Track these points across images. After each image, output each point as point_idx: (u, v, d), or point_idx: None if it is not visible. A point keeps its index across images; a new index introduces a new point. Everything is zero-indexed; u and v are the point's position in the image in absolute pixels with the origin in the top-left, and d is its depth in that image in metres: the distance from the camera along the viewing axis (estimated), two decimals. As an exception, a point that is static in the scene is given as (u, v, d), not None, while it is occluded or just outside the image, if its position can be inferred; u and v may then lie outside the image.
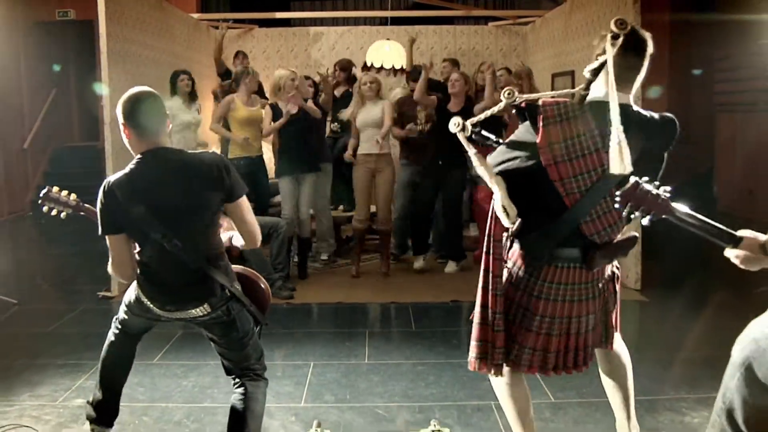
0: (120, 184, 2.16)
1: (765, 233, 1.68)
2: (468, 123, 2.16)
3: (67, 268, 5.84)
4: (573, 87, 5.80)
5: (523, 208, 2.13)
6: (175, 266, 2.23)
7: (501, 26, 7.92)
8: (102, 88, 4.93)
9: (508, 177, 2.13)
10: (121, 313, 2.52)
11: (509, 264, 2.29)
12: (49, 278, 5.47)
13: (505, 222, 2.14)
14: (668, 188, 1.66)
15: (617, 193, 1.69)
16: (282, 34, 8.03)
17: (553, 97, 2.14)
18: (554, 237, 2.12)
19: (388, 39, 6.86)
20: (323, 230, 5.60)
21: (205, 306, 2.27)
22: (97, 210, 2.21)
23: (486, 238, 2.26)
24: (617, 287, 2.41)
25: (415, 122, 5.41)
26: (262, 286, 2.55)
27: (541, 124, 2.05)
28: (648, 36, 2.09)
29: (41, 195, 2.69)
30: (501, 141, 2.28)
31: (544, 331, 2.23)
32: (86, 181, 4.76)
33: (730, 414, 1.72)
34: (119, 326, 2.56)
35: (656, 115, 2.15)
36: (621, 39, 1.97)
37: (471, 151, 2.15)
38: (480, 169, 2.15)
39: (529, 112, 2.10)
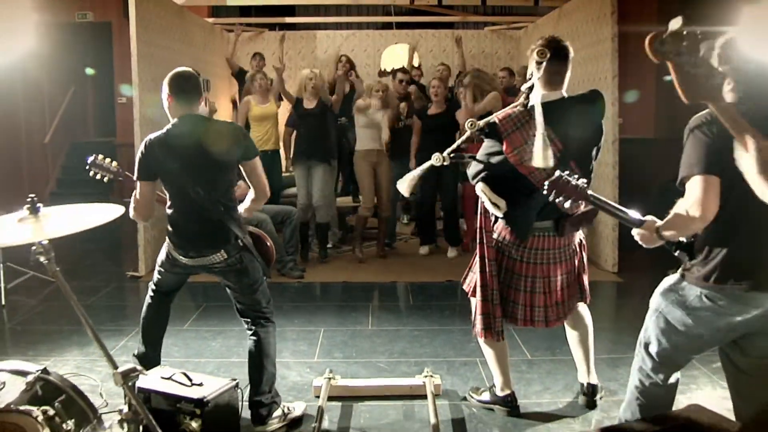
0: (159, 140, 2.69)
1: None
2: (446, 154, 2.78)
3: (93, 253, 6.36)
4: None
5: (506, 194, 2.71)
6: (198, 216, 2.70)
7: (496, 31, 8.45)
8: (130, 89, 5.45)
9: (490, 179, 2.72)
10: (155, 276, 3.01)
11: (494, 235, 2.84)
12: (78, 261, 5.98)
13: (498, 213, 2.73)
14: (585, 180, 2.07)
15: (545, 183, 2.08)
16: (290, 37, 8.52)
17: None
18: (533, 212, 2.71)
19: (396, 43, 7.30)
20: (328, 219, 6.15)
21: (222, 252, 2.73)
22: (137, 160, 2.71)
23: (478, 230, 2.86)
24: (584, 254, 2.96)
25: (400, 116, 6.00)
26: (268, 244, 3.06)
27: (503, 136, 2.62)
28: (569, 44, 2.68)
29: (89, 162, 3.10)
30: (474, 156, 2.83)
31: (528, 289, 2.81)
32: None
33: (646, 347, 2.24)
34: (154, 287, 3.03)
35: (585, 93, 2.76)
36: (544, 63, 2.61)
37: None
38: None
39: (490, 129, 2.69)
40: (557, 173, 2.06)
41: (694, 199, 1.88)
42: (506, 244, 2.82)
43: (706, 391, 3.17)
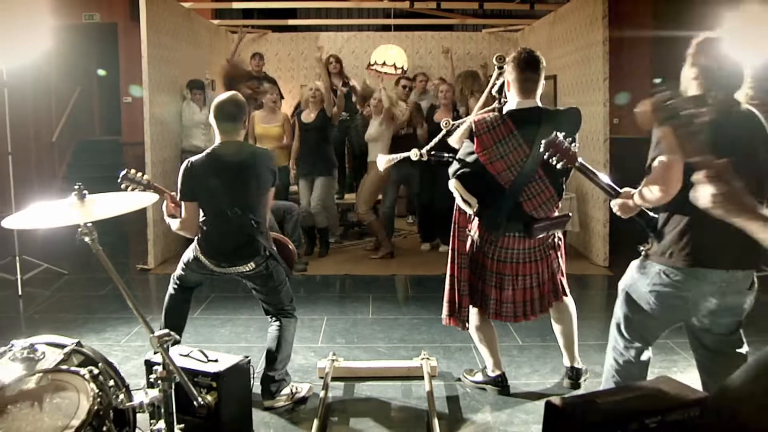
0: (200, 163, 2.89)
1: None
2: (424, 151, 3.00)
3: (104, 246, 6.56)
4: (555, 89, 6.59)
5: (479, 194, 2.93)
6: (230, 231, 2.92)
7: (494, 33, 8.67)
8: (140, 90, 5.65)
9: (464, 177, 2.93)
10: (179, 271, 3.20)
11: (471, 232, 3.07)
12: (90, 254, 6.15)
13: (470, 211, 2.96)
14: (576, 144, 2.33)
15: (543, 141, 2.33)
16: (293, 39, 8.76)
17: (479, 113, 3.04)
18: (503, 211, 2.91)
19: (390, 44, 7.54)
20: (329, 223, 6.41)
21: (251, 263, 2.97)
22: (179, 181, 2.91)
23: (452, 225, 3.10)
24: (560, 254, 3.16)
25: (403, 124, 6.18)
26: (290, 248, 3.30)
27: (475, 136, 2.86)
28: (540, 54, 2.88)
29: (121, 175, 3.23)
30: (453, 155, 3.06)
31: (497, 285, 3.02)
32: (106, 172, 5.10)
33: (617, 326, 2.45)
34: (177, 281, 3.22)
35: (562, 108, 2.98)
36: (504, 68, 2.87)
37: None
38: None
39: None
40: (554, 134, 2.30)
41: (658, 176, 2.07)
42: (479, 240, 3.02)
43: (686, 374, 3.39)
